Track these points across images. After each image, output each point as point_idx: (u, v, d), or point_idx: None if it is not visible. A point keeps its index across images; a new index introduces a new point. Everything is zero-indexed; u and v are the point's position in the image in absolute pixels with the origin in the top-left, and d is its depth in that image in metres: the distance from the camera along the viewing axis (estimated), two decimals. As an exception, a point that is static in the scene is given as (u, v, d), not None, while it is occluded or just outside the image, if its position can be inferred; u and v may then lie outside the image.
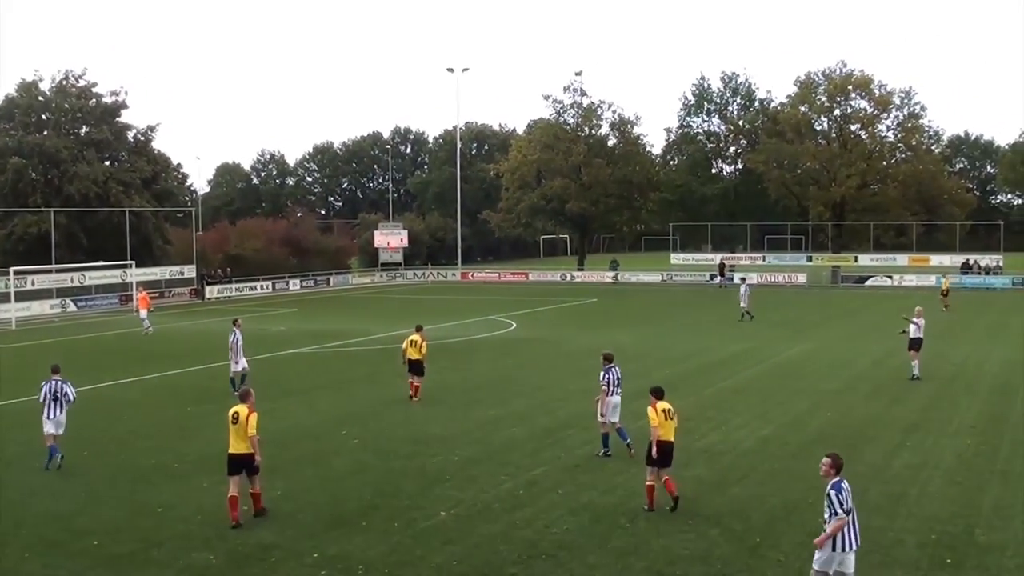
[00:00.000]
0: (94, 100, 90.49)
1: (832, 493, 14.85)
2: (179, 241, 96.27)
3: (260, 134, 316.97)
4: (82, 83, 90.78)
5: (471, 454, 25.77)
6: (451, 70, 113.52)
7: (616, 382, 25.91)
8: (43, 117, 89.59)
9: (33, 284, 74.42)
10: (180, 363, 44.69)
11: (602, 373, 25.95)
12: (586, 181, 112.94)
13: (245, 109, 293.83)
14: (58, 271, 77.36)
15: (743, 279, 72.07)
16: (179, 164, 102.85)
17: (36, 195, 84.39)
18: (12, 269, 69.51)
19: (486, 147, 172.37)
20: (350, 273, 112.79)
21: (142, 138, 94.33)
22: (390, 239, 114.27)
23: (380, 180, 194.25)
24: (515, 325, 58.56)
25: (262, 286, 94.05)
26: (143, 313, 60.11)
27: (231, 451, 20.53)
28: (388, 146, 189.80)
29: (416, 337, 34.77)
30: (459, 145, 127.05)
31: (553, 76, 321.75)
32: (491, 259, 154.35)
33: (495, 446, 26.64)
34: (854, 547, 14.91)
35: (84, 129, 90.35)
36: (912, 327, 37.34)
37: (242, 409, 20.65)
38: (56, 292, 76.61)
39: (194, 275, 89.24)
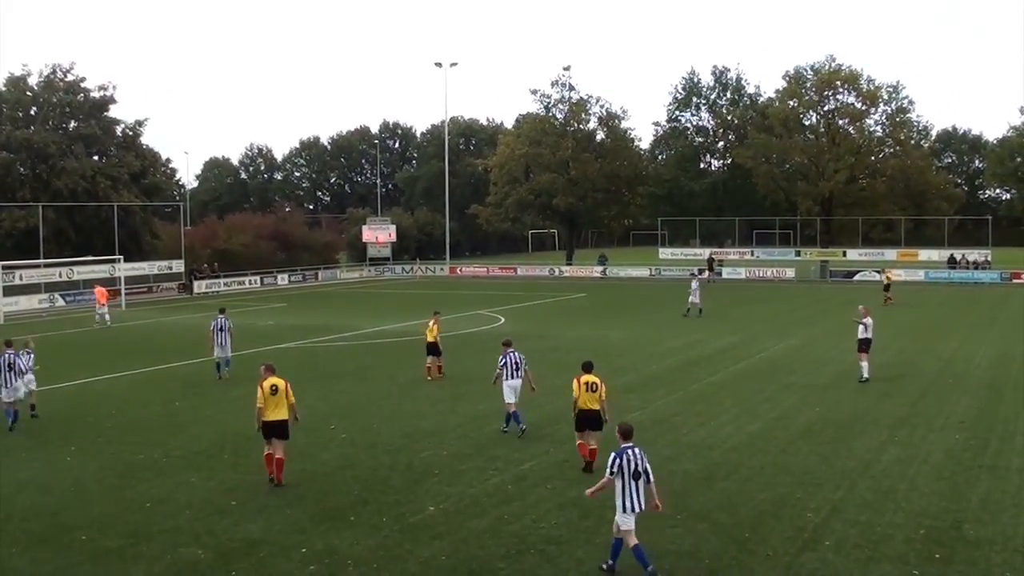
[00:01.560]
0: (82, 95, 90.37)
1: (612, 455, 17.08)
2: (167, 236, 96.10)
3: (248, 129, 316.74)
4: (70, 77, 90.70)
5: (459, 449, 25.75)
6: (439, 65, 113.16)
7: (515, 366, 27.78)
8: (31, 112, 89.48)
9: (21, 279, 74.30)
10: (167, 358, 44.61)
11: (500, 357, 27.75)
12: (574, 176, 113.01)
13: (233, 104, 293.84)
14: (46, 266, 77.15)
15: (693, 274, 71.21)
16: (167, 159, 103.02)
17: (24, 190, 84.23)
18: (0, 264, 69.29)
19: (474, 142, 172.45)
20: (338, 268, 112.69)
21: (130, 133, 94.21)
22: (378, 234, 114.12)
23: (368, 175, 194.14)
24: (503, 320, 58.56)
25: (250, 281, 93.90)
26: (102, 308, 62.07)
27: (268, 419, 22.22)
28: (376, 141, 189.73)
29: (430, 322, 38.00)
30: (447, 140, 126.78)
31: (541, 70, 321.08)
32: (479, 254, 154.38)
33: (483, 441, 26.62)
34: (635, 510, 16.80)
35: (72, 124, 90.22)
36: (860, 328, 36.98)
37: (279, 380, 22.50)
38: (44, 287, 76.45)
39: (182, 270, 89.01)
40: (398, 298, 78.16)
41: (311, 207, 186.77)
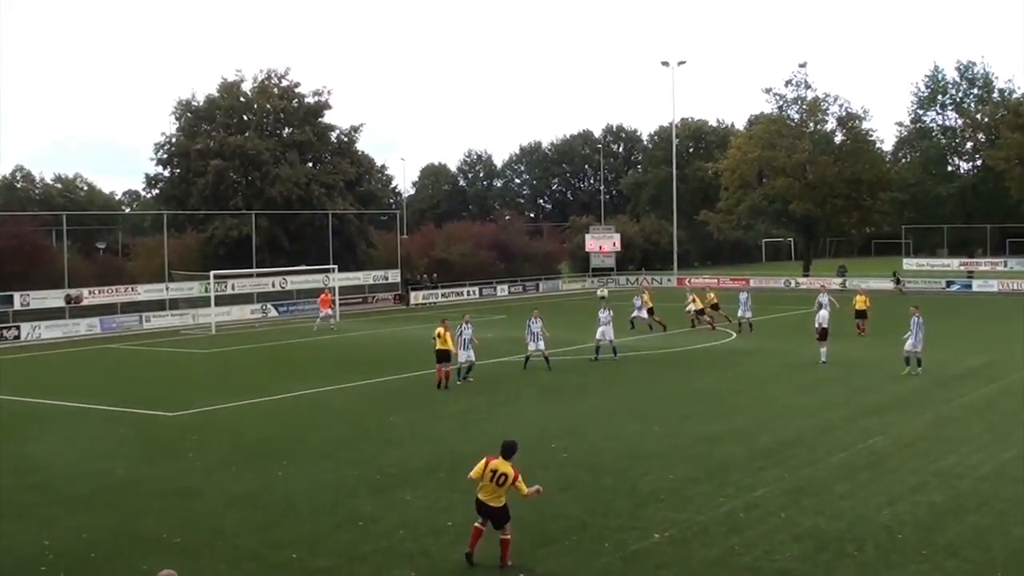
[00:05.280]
0: (297, 100, 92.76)
1: None
2: (383, 245, 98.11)
3: (466, 134, 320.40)
4: (284, 83, 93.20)
5: (687, 473, 25.48)
6: (666, 64, 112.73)
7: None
8: (244, 118, 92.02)
9: (233, 288, 76.62)
10: (383, 370, 45.40)
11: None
12: (811, 180, 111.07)
13: (450, 109, 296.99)
14: (259, 275, 79.34)
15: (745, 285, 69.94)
16: (383, 165, 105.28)
17: (237, 197, 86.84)
18: (212, 273, 71.44)
19: (703, 144, 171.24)
20: (560, 279, 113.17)
21: (345, 139, 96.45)
22: (602, 243, 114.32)
23: (591, 181, 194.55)
24: (735, 335, 57.96)
25: (468, 291, 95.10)
26: (326, 311, 68.08)
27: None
28: (600, 145, 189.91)
29: (440, 329, 40.49)
30: (675, 143, 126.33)
31: (774, 68, 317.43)
32: (709, 264, 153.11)
33: (713, 465, 26.26)
34: None
35: (286, 130, 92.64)
36: None
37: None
38: (257, 296, 78.68)
39: (398, 280, 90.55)
40: (622, 310, 77.84)
41: (532, 215, 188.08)
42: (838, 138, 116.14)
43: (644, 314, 61.65)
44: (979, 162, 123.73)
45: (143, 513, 22.83)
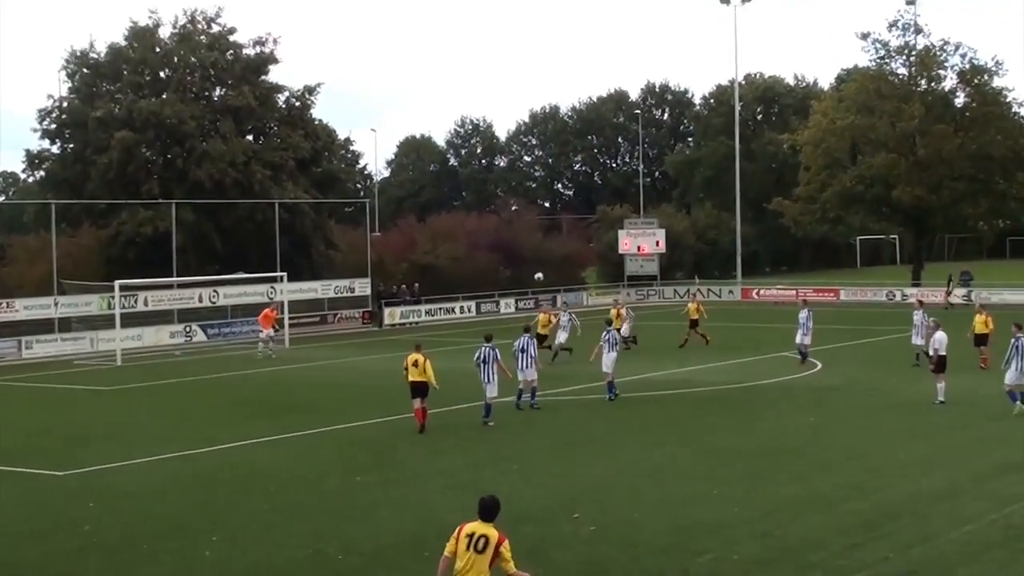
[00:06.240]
0: (231, 53, 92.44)
1: None
2: (348, 245, 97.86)
3: (459, 97, 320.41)
4: (215, 29, 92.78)
5: (756, 551, 25.38)
6: (725, 2, 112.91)
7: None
8: (161, 75, 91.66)
9: (147, 304, 76.19)
10: (348, 415, 45.33)
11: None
12: (923, 156, 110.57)
13: (438, 63, 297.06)
14: (181, 286, 78.98)
15: (804, 301, 69.19)
16: (348, 139, 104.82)
17: (151, 182, 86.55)
18: (117, 283, 70.40)
19: (776, 109, 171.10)
20: (584, 290, 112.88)
21: (297, 104, 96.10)
22: (641, 242, 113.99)
23: (626, 159, 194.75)
24: (820, 365, 57.85)
25: (463, 308, 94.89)
26: (267, 332, 67.27)
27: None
28: (638, 111, 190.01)
29: (418, 356, 40.43)
30: (738, 107, 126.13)
31: (872, 6, 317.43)
32: (785, 269, 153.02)
33: (791, 540, 26.16)
34: None
35: (218, 92, 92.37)
36: None
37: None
38: (178, 315, 78.23)
39: (368, 292, 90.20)
40: (668, 332, 77.70)
41: (546, 204, 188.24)
42: (960, 100, 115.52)
43: (562, 338, 62.54)
44: None
45: (23, 607, 22.79)
